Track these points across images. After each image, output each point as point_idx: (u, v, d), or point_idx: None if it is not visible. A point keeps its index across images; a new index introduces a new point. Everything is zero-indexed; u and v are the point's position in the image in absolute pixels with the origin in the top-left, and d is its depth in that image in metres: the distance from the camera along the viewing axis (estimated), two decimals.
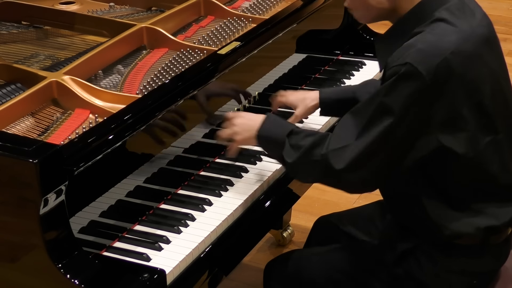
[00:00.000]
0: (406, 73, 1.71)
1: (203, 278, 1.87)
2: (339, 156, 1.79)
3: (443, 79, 1.73)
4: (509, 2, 5.77)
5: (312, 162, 1.85)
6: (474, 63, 1.78)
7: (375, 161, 1.79)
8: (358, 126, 1.78)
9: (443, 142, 1.77)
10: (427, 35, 1.77)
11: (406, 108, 1.73)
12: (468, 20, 1.82)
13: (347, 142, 1.79)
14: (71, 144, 1.78)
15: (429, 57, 1.72)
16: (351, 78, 2.69)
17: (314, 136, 1.88)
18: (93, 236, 1.84)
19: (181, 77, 2.11)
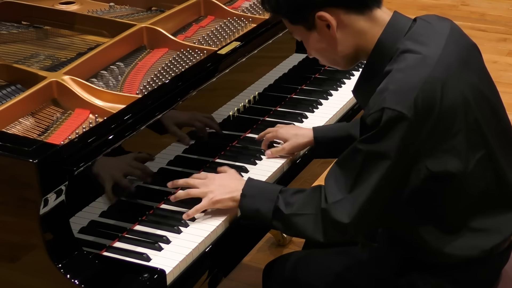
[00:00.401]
0: (388, 118, 1.68)
1: (203, 278, 1.87)
2: (341, 210, 1.75)
3: (424, 111, 1.69)
4: (509, 2, 5.78)
5: (307, 216, 1.82)
6: (451, 85, 1.73)
7: (378, 206, 1.77)
8: (350, 177, 1.75)
9: (431, 169, 1.74)
10: (396, 74, 1.72)
11: (401, 150, 1.70)
12: (434, 42, 1.77)
13: (343, 195, 1.76)
14: (71, 144, 1.78)
15: (404, 95, 1.68)
16: (351, 78, 2.69)
17: (303, 192, 1.85)
18: (93, 236, 1.84)
19: (181, 77, 2.11)
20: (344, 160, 1.79)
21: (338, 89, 2.62)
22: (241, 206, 1.90)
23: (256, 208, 1.88)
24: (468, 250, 1.83)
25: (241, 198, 1.89)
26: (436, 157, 1.74)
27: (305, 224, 1.82)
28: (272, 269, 2.14)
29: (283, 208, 1.84)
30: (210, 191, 1.93)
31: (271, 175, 2.13)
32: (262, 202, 1.87)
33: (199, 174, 2.03)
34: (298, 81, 2.66)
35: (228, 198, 1.92)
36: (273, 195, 1.86)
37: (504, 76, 4.55)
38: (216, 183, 1.94)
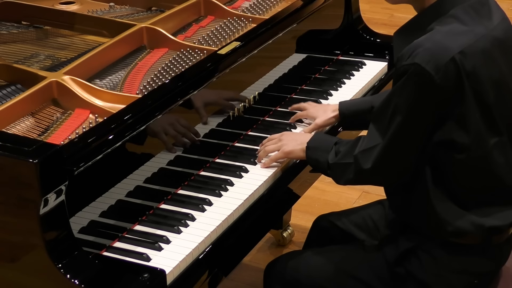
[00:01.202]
0: (415, 73, 1.75)
1: (203, 278, 1.87)
2: (366, 157, 1.88)
3: (452, 78, 1.75)
4: (509, 2, 5.77)
5: (345, 164, 1.95)
6: (483, 63, 1.79)
7: (397, 159, 1.87)
8: (381, 127, 1.86)
9: (454, 137, 1.80)
10: (436, 34, 1.79)
11: (417, 106, 1.78)
12: (483, 21, 1.83)
13: (374, 143, 1.87)
14: (71, 144, 1.78)
15: (437, 57, 1.74)
16: (351, 78, 2.69)
17: (351, 142, 1.97)
18: (93, 236, 1.84)
19: (181, 77, 2.11)
20: (377, 111, 1.91)
21: (338, 89, 2.62)
22: (307, 156, 2.08)
23: (316, 158, 2.06)
24: (467, 224, 1.87)
25: (306, 150, 2.08)
26: (459, 126, 1.80)
27: (343, 172, 1.96)
28: (273, 269, 2.15)
29: (331, 158, 1.99)
30: (284, 144, 2.13)
31: (271, 175, 2.13)
32: (320, 153, 2.04)
33: (273, 135, 2.21)
34: (298, 81, 2.66)
35: (299, 149, 2.10)
36: (329, 146, 2.02)
37: None
38: (289, 138, 2.16)
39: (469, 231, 1.87)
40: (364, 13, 3.00)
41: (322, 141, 2.08)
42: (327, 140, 2.08)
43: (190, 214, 1.95)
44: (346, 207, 2.60)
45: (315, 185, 2.64)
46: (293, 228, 3.25)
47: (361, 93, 2.62)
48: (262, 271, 2.18)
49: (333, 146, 2.01)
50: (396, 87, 1.81)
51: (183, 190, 2.07)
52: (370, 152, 1.87)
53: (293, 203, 2.40)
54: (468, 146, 1.82)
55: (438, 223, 1.89)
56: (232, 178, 2.10)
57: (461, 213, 1.87)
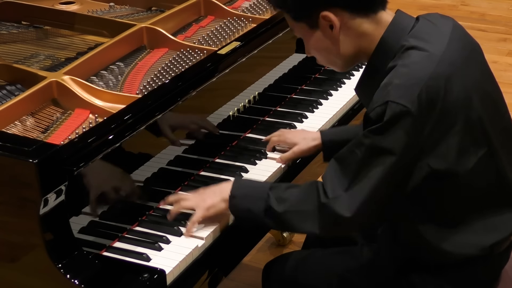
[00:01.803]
0: (393, 112, 1.67)
1: (203, 278, 1.87)
2: (343, 204, 1.74)
3: (428, 106, 1.69)
4: (509, 2, 5.78)
5: (303, 212, 1.80)
6: (454, 81, 1.73)
7: (380, 202, 1.76)
8: (351, 171, 1.74)
9: (433, 166, 1.73)
10: (400, 69, 1.72)
11: (405, 145, 1.69)
12: (437, 39, 1.78)
13: (344, 189, 1.74)
14: (71, 144, 1.78)
15: (408, 89, 1.68)
16: (351, 78, 2.69)
17: (297, 188, 1.84)
18: (93, 236, 1.84)
19: (181, 77, 2.11)
20: (345, 154, 1.77)
21: (338, 89, 2.62)
22: (231, 207, 1.88)
23: (247, 208, 1.86)
24: (467, 248, 1.83)
25: (230, 199, 1.87)
26: (438, 154, 1.73)
27: (300, 220, 1.80)
28: (272, 269, 2.14)
29: (275, 206, 1.82)
30: (201, 199, 1.91)
31: (271, 175, 2.13)
32: (252, 202, 1.85)
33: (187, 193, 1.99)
34: (298, 81, 2.66)
35: (219, 200, 1.89)
36: (263, 193, 1.84)
37: (504, 76, 4.55)
38: (206, 193, 1.93)
39: (472, 254, 1.83)
40: None
41: (250, 188, 1.90)
42: (257, 186, 1.91)
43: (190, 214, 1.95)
44: None
45: None
46: None
47: None
48: (262, 271, 2.18)
49: (268, 192, 1.84)
50: (373, 130, 1.70)
51: (183, 190, 2.07)
52: (343, 200, 1.73)
53: None
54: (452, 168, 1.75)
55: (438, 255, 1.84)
56: (232, 178, 2.10)
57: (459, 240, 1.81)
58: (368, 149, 1.72)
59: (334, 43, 1.81)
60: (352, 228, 1.84)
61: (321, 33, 1.81)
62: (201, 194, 1.93)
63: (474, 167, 1.78)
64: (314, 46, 1.87)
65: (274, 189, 1.85)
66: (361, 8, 1.78)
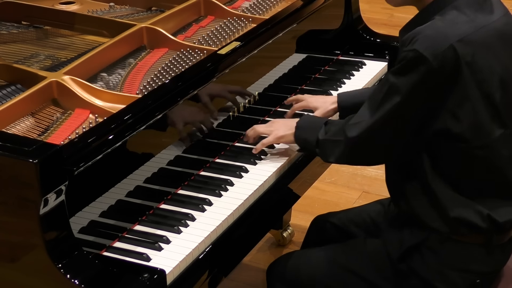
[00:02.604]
0: (413, 58, 1.77)
1: (203, 278, 1.87)
2: (353, 128, 1.92)
3: (450, 66, 1.77)
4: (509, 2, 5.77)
5: (334, 142, 1.98)
6: (483, 53, 1.80)
7: (383, 136, 1.89)
8: (373, 104, 1.88)
9: (448, 125, 1.82)
10: (437, 22, 1.82)
11: (412, 90, 1.80)
12: (484, 14, 1.85)
13: (363, 118, 1.90)
14: (71, 144, 1.78)
15: (435, 43, 1.77)
16: (351, 78, 2.69)
17: (343, 120, 2.01)
18: (93, 236, 1.84)
19: (181, 77, 2.11)
20: (373, 91, 1.92)
21: (338, 89, 2.62)
22: (296, 137, 2.11)
23: (304, 138, 2.09)
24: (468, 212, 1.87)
25: (295, 130, 2.11)
26: (456, 116, 1.81)
27: (333, 147, 1.98)
28: (275, 269, 2.15)
29: (321, 135, 2.02)
30: (275, 129, 2.16)
31: (271, 175, 2.13)
32: (309, 132, 2.07)
33: None
34: (298, 81, 2.66)
35: (290, 134, 2.13)
36: (319, 126, 2.05)
37: None
38: (280, 123, 2.18)
39: (470, 220, 1.87)
40: (364, 13, 3.00)
41: (311, 122, 2.12)
42: (317, 121, 2.11)
43: (190, 214, 1.95)
44: (346, 207, 2.59)
45: (315, 185, 2.64)
46: (293, 228, 3.25)
47: None
48: (262, 271, 2.19)
49: (323, 125, 2.04)
50: (394, 70, 1.84)
51: (183, 190, 2.07)
52: (358, 124, 1.91)
53: (293, 203, 2.41)
54: (465, 135, 1.82)
55: (439, 210, 1.89)
56: (232, 178, 2.10)
57: (462, 201, 1.88)
58: (386, 86, 1.85)
59: None
60: (359, 150, 1.96)
61: None
62: (275, 123, 2.20)
63: (492, 142, 1.84)
64: None
65: (327, 124, 2.05)
66: None
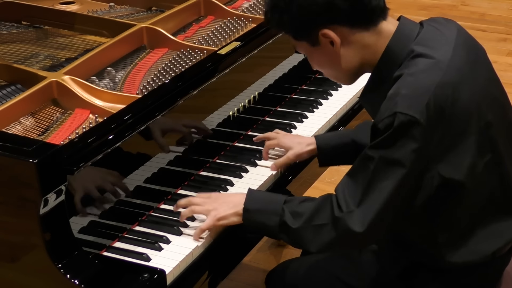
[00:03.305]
0: (401, 123, 1.66)
1: (203, 278, 1.87)
2: (355, 219, 1.72)
3: (437, 115, 1.68)
4: (509, 2, 5.78)
5: (318, 227, 1.78)
6: (462, 88, 1.72)
7: (392, 214, 1.75)
8: (363, 185, 1.73)
9: (444, 175, 1.73)
10: (407, 78, 1.71)
11: (414, 156, 1.68)
12: (443, 46, 1.76)
13: (356, 204, 1.73)
14: (71, 144, 1.78)
15: (416, 100, 1.67)
16: None
17: (312, 201, 1.82)
18: (93, 236, 1.84)
19: (181, 77, 2.11)
20: (355, 169, 1.76)
21: (338, 89, 2.62)
22: (245, 221, 1.86)
23: (262, 222, 1.84)
24: (470, 256, 1.83)
25: (244, 213, 1.86)
26: (448, 162, 1.73)
27: (316, 236, 1.78)
28: (273, 278, 2.13)
29: (290, 222, 1.80)
30: (214, 208, 1.89)
31: (271, 175, 2.13)
32: (267, 216, 1.83)
33: (201, 194, 1.97)
34: (298, 81, 2.66)
35: (232, 213, 1.88)
36: (277, 207, 1.82)
37: (504, 76, 4.54)
38: (219, 201, 1.91)
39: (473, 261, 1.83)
40: None
41: (264, 201, 1.87)
42: (271, 200, 1.87)
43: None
44: None
45: (315, 185, 2.64)
46: None
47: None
48: (262, 271, 2.19)
49: (282, 206, 1.82)
50: (380, 142, 1.69)
51: (183, 190, 2.07)
52: (359, 213, 1.72)
53: None
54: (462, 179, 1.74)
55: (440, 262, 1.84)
56: (232, 178, 2.10)
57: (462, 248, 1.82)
58: (378, 162, 1.70)
59: (336, 58, 1.80)
60: (366, 242, 1.83)
61: (323, 50, 1.80)
62: (214, 201, 1.91)
63: (480, 173, 1.77)
64: (317, 62, 1.86)
65: (288, 203, 1.83)
66: (360, 23, 1.76)
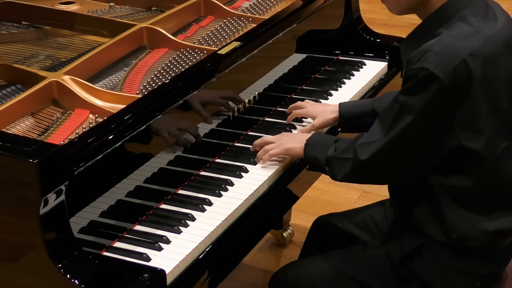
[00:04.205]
0: (424, 77, 1.75)
1: (203, 278, 1.87)
2: (364, 149, 1.89)
3: (462, 81, 1.75)
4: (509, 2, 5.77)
5: (343, 159, 1.95)
6: (493, 65, 1.79)
7: (396, 157, 1.87)
8: (385, 124, 1.86)
9: (464, 143, 1.80)
10: (445, 37, 1.79)
11: (426, 109, 1.78)
12: (489, 23, 1.83)
13: (374, 138, 1.88)
14: (71, 144, 1.78)
15: (445, 60, 1.75)
16: (351, 78, 2.69)
17: (352, 138, 1.98)
18: (93, 236, 1.84)
19: (181, 77, 2.11)
20: (384, 110, 1.90)
21: (338, 89, 2.62)
22: (304, 154, 2.09)
23: (314, 156, 2.06)
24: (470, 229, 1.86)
25: (305, 147, 2.08)
26: (468, 133, 1.80)
27: (341, 165, 1.96)
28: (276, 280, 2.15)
29: (330, 153, 2.00)
30: (284, 142, 2.14)
31: (271, 175, 2.13)
32: (319, 151, 2.04)
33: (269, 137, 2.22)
34: (298, 81, 2.66)
35: (298, 147, 2.11)
36: (329, 144, 2.02)
37: None
38: (289, 137, 2.17)
39: (472, 236, 1.87)
40: (364, 13, 3.00)
41: (321, 139, 2.09)
42: (326, 139, 2.08)
43: (190, 214, 1.95)
44: (346, 207, 2.60)
45: (315, 185, 2.64)
46: (293, 228, 3.25)
47: (362, 93, 2.62)
48: (262, 271, 2.19)
49: (333, 143, 2.02)
50: (405, 89, 1.81)
51: (183, 190, 2.07)
52: (369, 145, 1.88)
53: (293, 203, 2.40)
54: (480, 151, 1.81)
55: (442, 227, 1.88)
56: (232, 178, 2.10)
57: (466, 217, 1.86)
58: (398, 105, 1.82)
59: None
60: (370, 172, 1.94)
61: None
62: (283, 136, 2.19)
63: (499, 156, 1.83)
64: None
65: (337, 141, 2.03)
66: None
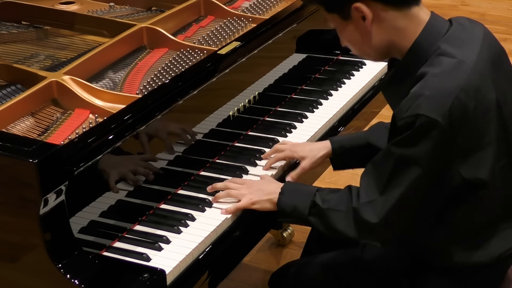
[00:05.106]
0: (423, 125, 1.68)
1: (203, 278, 1.87)
2: (370, 210, 1.78)
3: (459, 119, 1.69)
4: (509, 2, 5.78)
5: (339, 212, 1.85)
6: (484, 92, 1.73)
7: (407, 211, 1.79)
8: (382, 178, 1.77)
9: (465, 176, 1.75)
10: (431, 79, 1.72)
11: (433, 157, 1.71)
12: (469, 45, 1.77)
13: (375, 196, 1.78)
14: (71, 144, 1.78)
15: (440, 103, 1.68)
16: (351, 78, 2.69)
17: (339, 191, 1.89)
18: (93, 236, 1.84)
19: (181, 77, 2.11)
20: (377, 162, 1.81)
21: (338, 89, 2.62)
22: (279, 203, 1.92)
23: (294, 205, 1.91)
24: (477, 257, 1.84)
25: (280, 195, 1.93)
26: (469, 164, 1.75)
27: (338, 220, 1.84)
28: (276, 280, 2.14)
29: (320, 203, 1.87)
30: (249, 193, 1.97)
31: (271, 175, 2.13)
32: (299, 199, 1.91)
33: (235, 179, 2.06)
34: (298, 81, 2.66)
35: (266, 200, 1.95)
36: (310, 192, 1.90)
37: None
38: (254, 188, 1.99)
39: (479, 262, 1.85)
40: None
41: (299, 188, 1.96)
42: (305, 187, 1.96)
43: (190, 214, 1.95)
44: None
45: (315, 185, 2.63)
46: (293, 228, 3.25)
47: (362, 93, 2.62)
48: (262, 271, 2.19)
49: (315, 192, 1.90)
50: (400, 140, 1.73)
51: (183, 190, 2.07)
52: (374, 205, 1.78)
53: None
54: (489, 178, 1.76)
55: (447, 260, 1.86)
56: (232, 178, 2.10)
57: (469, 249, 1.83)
58: (397, 158, 1.74)
59: (366, 34, 1.81)
60: (380, 234, 1.84)
61: (354, 25, 1.81)
62: (249, 187, 2.00)
63: (497, 177, 1.79)
64: (347, 37, 1.86)
65: (320, 191, 1.90)
66: (393, 1, 1.78)
